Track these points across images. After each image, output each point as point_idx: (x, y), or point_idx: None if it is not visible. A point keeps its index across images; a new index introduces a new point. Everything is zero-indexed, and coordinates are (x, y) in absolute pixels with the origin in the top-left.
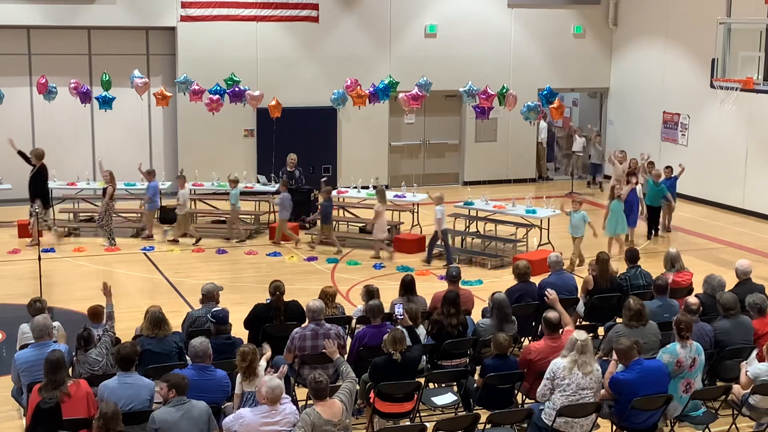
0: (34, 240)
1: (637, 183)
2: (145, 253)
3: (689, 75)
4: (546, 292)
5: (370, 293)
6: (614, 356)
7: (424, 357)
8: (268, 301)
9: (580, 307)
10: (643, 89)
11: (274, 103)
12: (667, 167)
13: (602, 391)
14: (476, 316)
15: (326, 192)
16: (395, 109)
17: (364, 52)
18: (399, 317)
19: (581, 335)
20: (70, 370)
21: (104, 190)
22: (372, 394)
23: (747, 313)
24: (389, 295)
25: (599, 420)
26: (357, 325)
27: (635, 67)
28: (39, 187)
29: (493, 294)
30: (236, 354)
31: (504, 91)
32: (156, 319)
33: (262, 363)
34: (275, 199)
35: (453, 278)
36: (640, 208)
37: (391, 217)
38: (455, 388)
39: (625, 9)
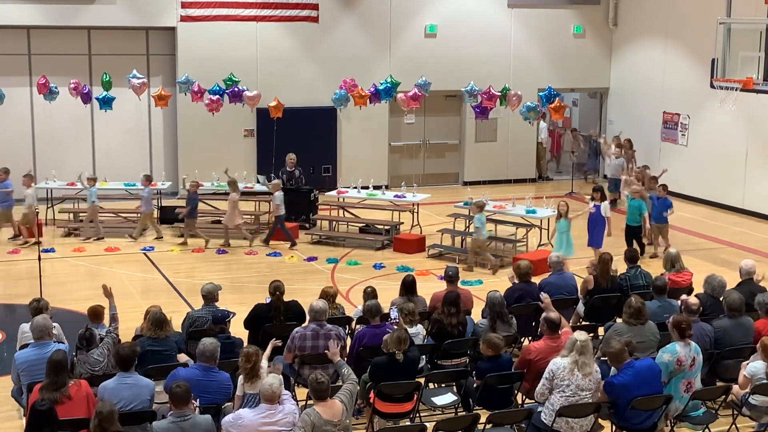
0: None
1: (602, 199)
2: (145, 253)
3: (689, 75)
4: (542, 296)
5: (368, 294)
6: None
7: (424, 357)
8: (268, 301)
9: (580, 307)
10: (643, 89)
11: (275, 103)
12: (662, 186)
13: (597, 393)
14: (476, 316)
15: (194, 185)
16: (395, 109)
17: (364, 52)
18: (394, 320)
19: (581, 336)
20: (71, 370)
21: None
22: (372, 394)
23: (753, 312)
24: (390, 294)
25: (601, 420)
26: (357, 326)
27: (635, 67)
28: None
29: (488, 293)
30: (238, 354)
31: (505, 91)
32: (157, 320)
33: (264, 363)
34: (143, 194)
35: (450, 278)
36: (607, 229)
37: (391, 217)
38: (455, 388)
39: (625, 9)
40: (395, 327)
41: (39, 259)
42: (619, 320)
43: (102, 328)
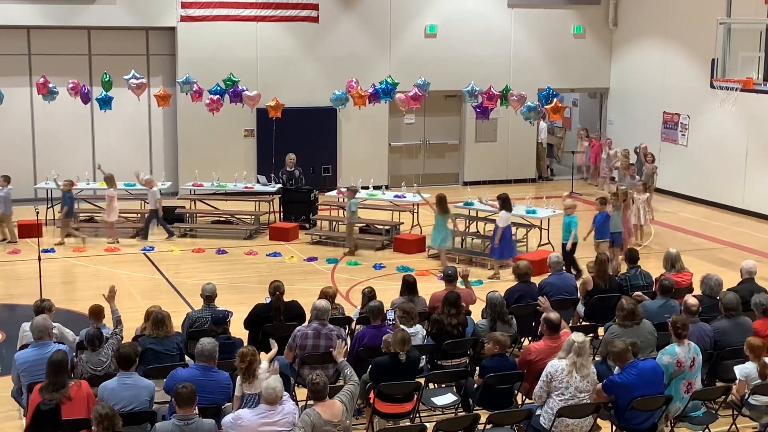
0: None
1: (501, 209)
2: (145, 254)
3: (689, 75)
4: (539, 300)
5: (367, 295)
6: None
7: (424, 357)
8: (268, 301)
9: (580, 308)
10: (643, 89)
11: (273, 103)
12: (600, 199)
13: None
14: (476, 316)
15: (67, 184)
16: (395, 109)
17: (364, 52)
18: (390, 322)
19: (579, 337)
20: (71, 370)
21: None
22: (372, 395)
23: (750, 312)
24: (390, 295)
25: (600, 421)
26: (357, 326)
27: (635, 67)
28: None
29: (488, 293)
30: (236, 355)
31: (507, 91)
32: (159, 320)
33: (264, 365)
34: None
35: (449, 278)
36: (498, 237)
37: (391, 217)
38: (455, 389)
39: (625, 9)
40: (393, 328)
41: (39, 259)
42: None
43: (103, 328)
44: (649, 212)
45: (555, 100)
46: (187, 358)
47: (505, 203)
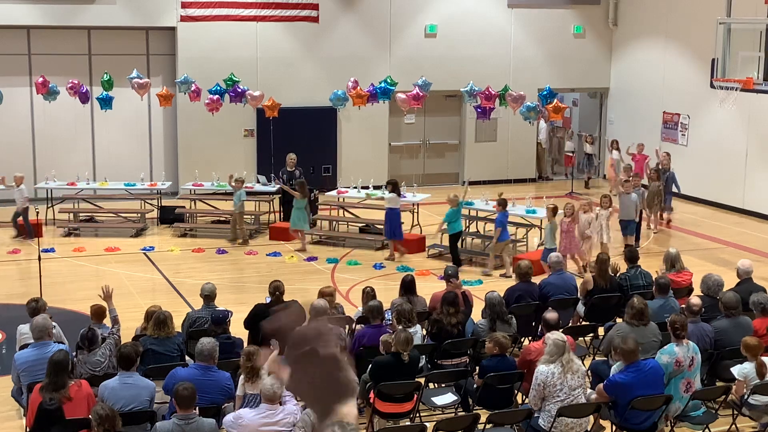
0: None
1: (391, 191)
2: (145, 253)
3: (689, 75)
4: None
5: (368, 294)
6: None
7: (424, 357)
8: (268, 301)
9: (580, 308)
10: (643, 89)
11: (269, 103)
12: (500, 201)
13: (594, 395)
14: (476, 316)
15: None
16: (395, 109)
17: (364, 52)
18: (388, 322)
19: (559, 336)
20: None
21: None
22: (372, 394)
23: (749, 311)
24: (390, 295)
25: (600, 421)
26: (357, 326)
27: (635, 67)
28: None
29: (486, 294)
30: (238, 354)
31: (505, 90)
32: (161, 320)
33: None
34: None
35: (449, 278)
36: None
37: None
38: (455, 388)
39: (625, 9)
40: (391, 328)
41: (39, 259)
42: (620, 320)
43: (104, 328)
44: (608, 228)
45: (555, 99)
46: (187, 358)
47: (394, 187)
